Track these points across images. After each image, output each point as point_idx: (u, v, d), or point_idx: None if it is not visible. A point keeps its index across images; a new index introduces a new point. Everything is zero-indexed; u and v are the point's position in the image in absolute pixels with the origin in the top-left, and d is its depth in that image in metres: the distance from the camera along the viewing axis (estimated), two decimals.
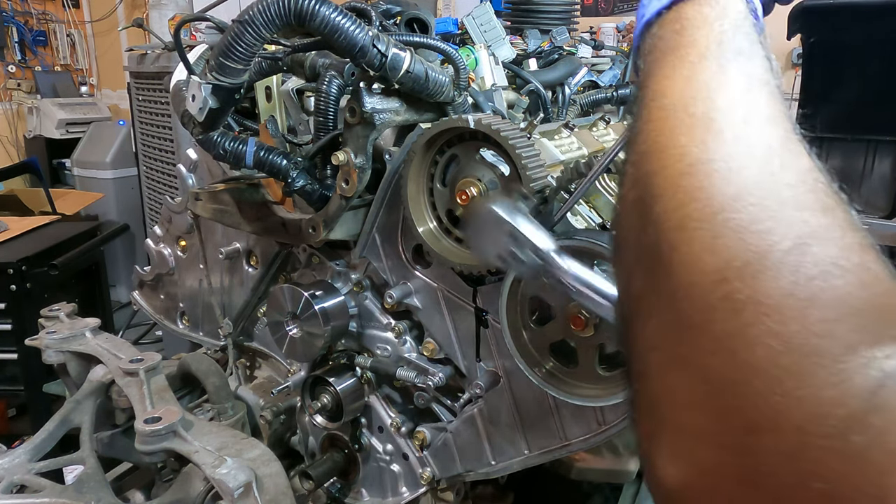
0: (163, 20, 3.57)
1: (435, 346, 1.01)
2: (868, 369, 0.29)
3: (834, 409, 0.28)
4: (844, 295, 0.31)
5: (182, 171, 1.33)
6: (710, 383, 0.33)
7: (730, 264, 0.33)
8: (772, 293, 0.32)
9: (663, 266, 0.37)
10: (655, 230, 0.38)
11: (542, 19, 1.36)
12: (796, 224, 0.33)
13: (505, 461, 0.99)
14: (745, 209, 0.34)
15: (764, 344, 0.31)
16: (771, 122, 0.38)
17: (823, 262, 0.32)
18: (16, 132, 5.52)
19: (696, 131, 0.38)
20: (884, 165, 2.79)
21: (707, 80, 0.40)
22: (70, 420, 1.16)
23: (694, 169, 0.37)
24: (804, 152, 0.37)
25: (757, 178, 0.35)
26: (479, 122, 0.84)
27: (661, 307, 0.37)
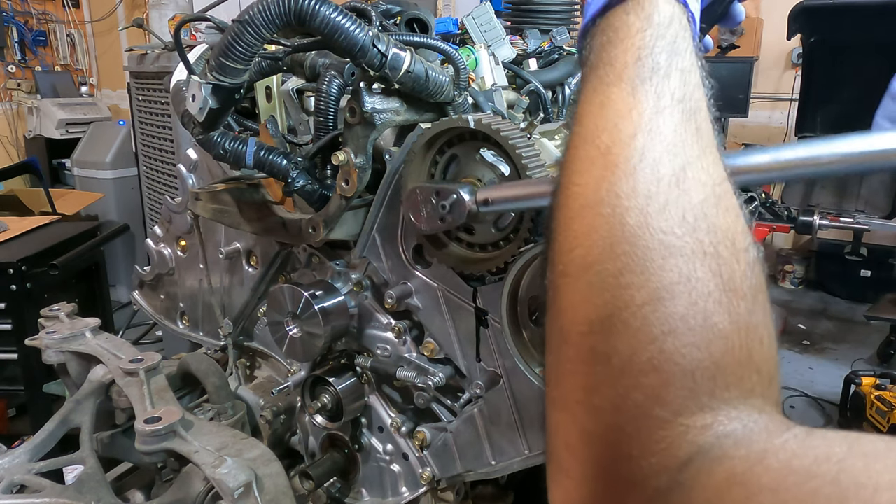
0: (163, 20, 3.57)
1: (435, 346, 1.01)
2: (683, 441, 0.31)
3: (649, 480, 0.30)
4: (679, 359, 0.32)
5: (182, 171, 1.33)
6: (577, 430, 0.35)
7: (596, 318, 0.35)
8: (621, 351, 0.34)
9: (554, 307, 0.39)
10: (551, 271, 0.40)
11: (542, 19, 1.36)
12: (655, 276, 0.34)
13: (505, 461, 0.99)
14: (616, 259, 0.36)
15: (613, 404, 0.33)
16: (671, 150, 0.38)
17: (670, 320, 0.33)
18: (16, 132, 5.53)
19: (595, 168, 0.39)
20: None
21: (617, 107, 0.40)
22: (70, 420, 1.16)
23: (583, 212, 0.38)
24: (701, 181, 0.37)
25: (635, 222, 0.36)
26: (479, 121, 0.84)
27: (552, 346, 0.39)
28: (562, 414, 0.37)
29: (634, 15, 0.43)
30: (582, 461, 0.35)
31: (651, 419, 0.32)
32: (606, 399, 0.34)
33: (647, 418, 0.32)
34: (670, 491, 0.29)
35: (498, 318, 0.91)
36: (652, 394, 0.32)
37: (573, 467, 0.35)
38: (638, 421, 0.32)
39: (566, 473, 0.36)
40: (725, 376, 0.33)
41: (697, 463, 0.29)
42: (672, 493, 0.29)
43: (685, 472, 0.29)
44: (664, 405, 0.32)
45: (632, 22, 0.42)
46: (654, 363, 0.33)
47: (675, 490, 0.29)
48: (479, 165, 0.88)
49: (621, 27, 0.43)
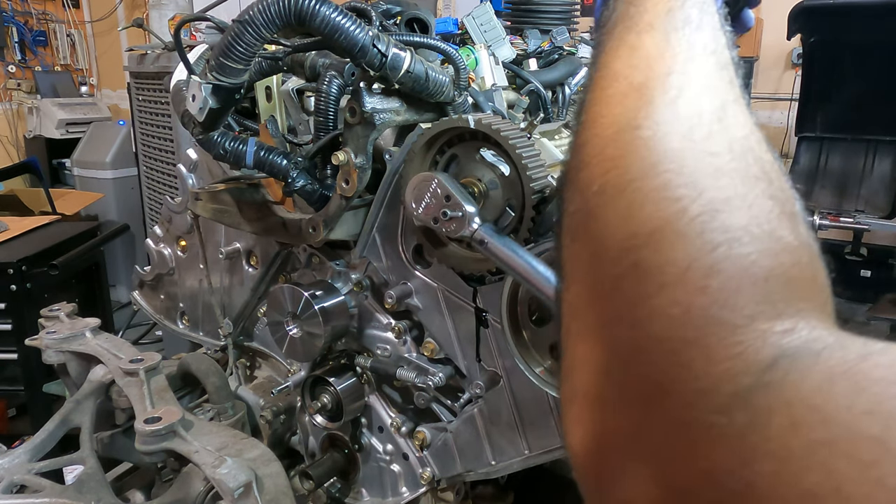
0: (163, 20, 3.57)
1: (435, 346, 1.01)
2: (763, 345, 0.28)
3: (723, 385, 0.28)
4: (749, 264, 0.30)
5: (182, 171, 1.33)
6: (613, 351, 0.32)
7: (640, 231, 0.33)
8: (676, 261, 0.31)
9: (584, 233, 0.36)
10: (580, 197, 0.37)
11: (542, 19, 1.36)
12: (709, 191, 0.33)
13: (505, 461, 0.99)
14: (660, 176, 0.34)
15: (664, 314, 0.30)
16: (707, 91, 0.38)
17: (731, 229, 0.31)
18: (16, 132, 5.53)
19: (629, 100, 0.38)
20: (884, 165, 2.79)
21: (649, 50, 0.40)
22: (70, 420, 1.16)
23: (619, 136, 0.37)
24: (741, 122, 0.37)
25: (679, 146, 0.35)
26: (480, 121, 0.84)
27: (580, 274, 0.37)
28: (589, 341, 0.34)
29: None
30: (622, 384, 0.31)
31: (721, 325, 0.29)
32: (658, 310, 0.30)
33: (715, 324, 0.29)
34: (753, 393, 0.26)
35: (498, 318, 0.91)
36: (720, 298, 0.29)
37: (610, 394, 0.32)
38: (704, 328, 0.29)
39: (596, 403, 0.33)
40: (799, 287, 0.31)
41: (785, 364, 0.27)
42: (754, 394, 0.26)
43: (770, 374, 0.27)
44: (735, 309, 0.29)
45: None
46: (719, 268, 0.30)
47: (758, 391, 0.26)
48: (478, 165, 0.88)
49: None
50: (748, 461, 0.25)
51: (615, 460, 0.32)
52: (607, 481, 0.32)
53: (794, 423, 0.25)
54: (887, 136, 2.76)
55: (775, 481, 0.24)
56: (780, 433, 0.25)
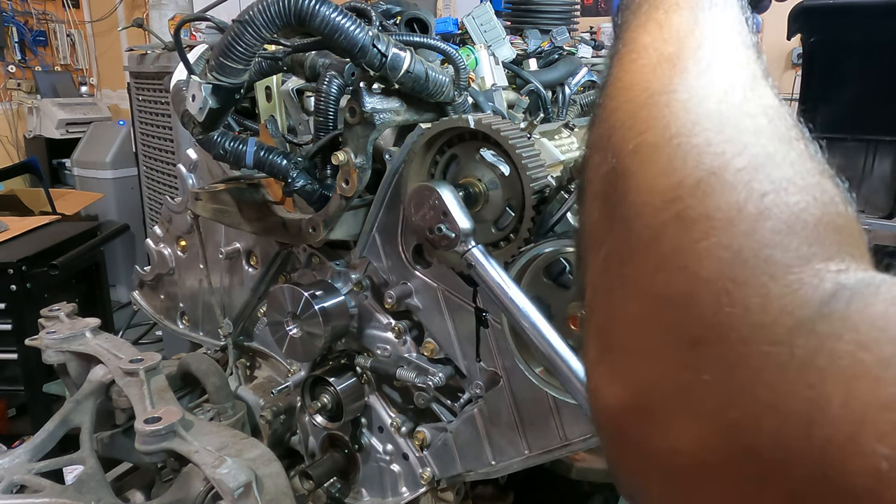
0: (163, 20, 3.56)
1: (435, 346, 1.01)
2: (821, 281, 0.28)
3: (781, 318, 0.27)
4: (798, 210, 0.30)
5: (182, 171, 1.33)
6: (655, 299, 0.32)
7: (683, 183, 0.32)
8: (723, 207, 0.31)
9: (619, 191, 0.36)
10: (614, 157, 0.37)
11: (542, 19, 1.36)
12: (752, 146, 0.33)
13: (505, 461, 0.99)
14: (701, 133, 0.34)
15: (714, 256, 0.30)
16: (738, 65, 0.38)
17: (778, 179, 0.31)
18: (16, 132, 5.52)
19: (662, 68, 0.38)
20: (884, 165, 2.79)
21: (678, 26, 0.41)
22: (70, 420, 1.16)
23: (654, 100, 0.37)
24: (770, 94, 0.37)
25: (717, 108, 0.35)
26: (479, 121, 0.84)
27: (614, 232, 0.36)
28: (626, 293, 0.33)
29: None
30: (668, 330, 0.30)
31: (775, 264, 0.29)
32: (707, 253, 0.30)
33: (769, 264, 0.29)
34: (815, 322, 0.26)
35: (498, 318, 0.91)
36: (772, 240, 0.29)
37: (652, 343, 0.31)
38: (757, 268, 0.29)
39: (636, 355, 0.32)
40: (847, 236, 0.31)
41: (845, 296, 0.27)
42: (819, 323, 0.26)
43: (832, 304, 0.27)
44: (789, 251, 0.29)
45: None
46: (769, 213, 0.30)
47: (822, 320, 0.26)
48: (478, 165, 0.88)
49: None
50: (815, 384, 0.25)
51: (663, 410, 0.31)
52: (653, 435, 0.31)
53: (863, 343, 0.25)
54: (887, 136, 2.76)
55: (848, 398, 0.24)
56: (848, 352, 0.25)
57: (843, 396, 0.24)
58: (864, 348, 0.25)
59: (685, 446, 0.29)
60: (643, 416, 0.31)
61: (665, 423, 0.30)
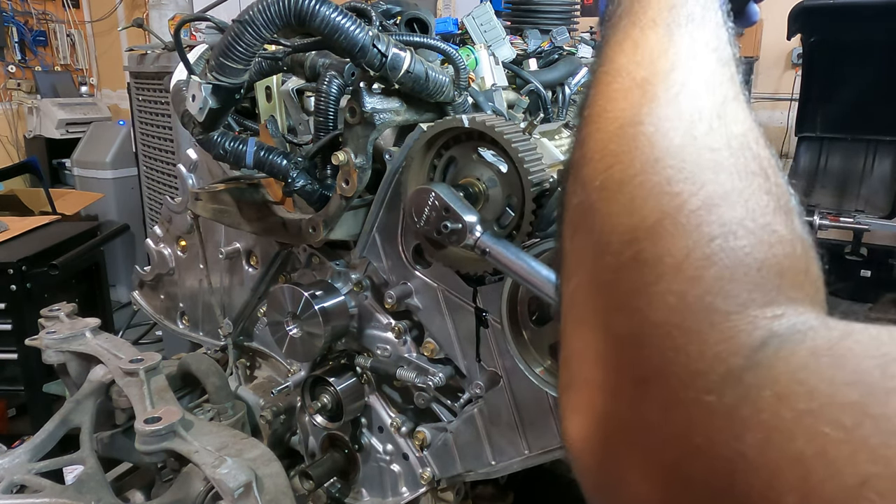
0: (163, 20, 3.57)
1: (435, 346, 1.01)
2: (754, 328, 0.30)
3: (715, 365, 0.29)
4: (743, 255, 0.32)
5: (182, 171, 1.33)
6: (613, 338, 0.34)
7: (642, 224, 0.34)
8: (674, 252, 0.32)
9: (586, 226, 0.38)
10: (583, 191, 0.39)
11: (542, 19, 1.36)
12: (708, 185, 0.34)
13: (505, 461, 0.99)
14: (663, 171, 0.35)
15: (662, 301, 0.32)
16: (709, 87, 0.39)
17: (728, 222, 0.33)
18: (16, 132, 5.52)
19: (632, 96, 0.39)
20: (884, 165, 2.79)
21: (653, 46, 0.41)
22: (70, 420, 1.16)
23: (622, 132, 0.38)
24: (740, 119, 0.38)
25: (680, 142, 0.36)
26: (474, 120, 0.84)
27: (582, 267, 0.38)
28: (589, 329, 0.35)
29: None
30: (619, 369, 0.33)
31: (714, 311, 0.30)
32: (656, 298, 0.32)
33: (709, 311, 0.31)
34: (744, 372, 0.28)
35: (498, 318, 0.91)
36: (714, 287, 0.31)
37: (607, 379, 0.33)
38: (698, 315, 0.31)
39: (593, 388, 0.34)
40: (791, 277, 0.32)
41: (774, 344, 0.28)
42: (746, 373, 0.28)
43: (760, 354, 0.28)
44: (729, 297, 0.31)
45: None
46: (714, 259, 0.32)
47: (749, 370, 0.28)
48: (477, 165, 0.88)
49: None
50: (739, 434, 0.27)
51: (612, 442, 0.33)
52: (605, 464, 0.33)
53: (782, 395, 0.27)
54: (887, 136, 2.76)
55: (765, 449, 0.26)
56: (768, 405, 0.27)
57: (760, 448, 0.26)
58: (781, 401, 0.26)
59: (632, 481, 0.32)
60: (598, 447, 0.34)
61: (615, 456, 0.33)
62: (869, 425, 0.24)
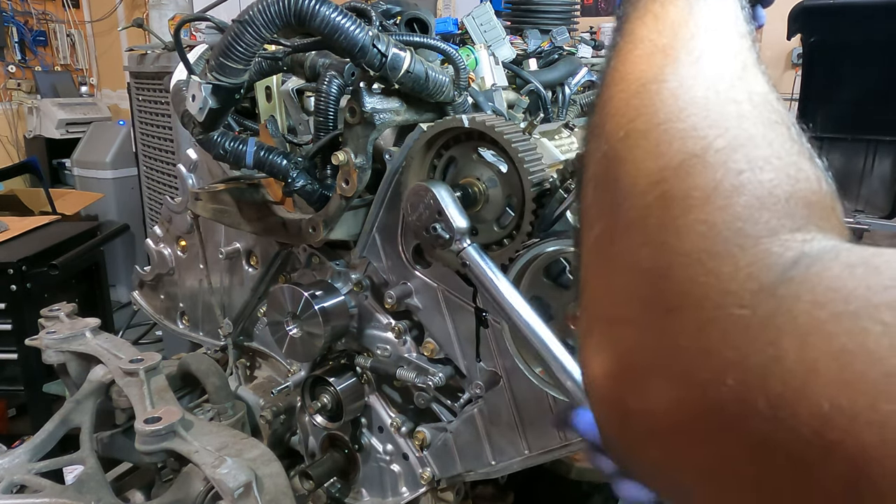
0: (163, 20, 3.56)
1: (435, 346, 1.01)
2: (786, 249, 0.30)
3: (748, 283, 0.29)
4: (771, 186, 0.32)
5: (182, 171, 1.33)
6: (640, 273, 0.34)
7: (667, 165, 0.35)
8: (702, 186, 0.33)
9: (610, 176, 0.38)
10: (606, 144, 0.39)
11: (542, 19, 1.36)
12: (734, 129, 0.35)
13: (505, 461, 0.99)
14: (688, 118, 0.36)
15: (691, 231, 0.32)
16: (729, 54, 0.40)
17: (754, 158, 0.33)
18: (16, 132, 5.52)
19: (655, 58, 0.40)
20: (884, 165, 2.79)
21: (673, 17, 0.42)
22: (70, 420, 1.16)
23: (645, 88, 0.39)
24: (759, 81, 0.39)
25: (704, 94, 0.37)
26: (473, 120, 0.84)
27: (605, 214, 0.38)
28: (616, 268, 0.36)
29: None
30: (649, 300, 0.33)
31: (745, 236, 0.31)
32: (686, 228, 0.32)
33: (740, 236, 0.31)
34: (777, 286, 0.28)
35: (498, 318, 0.91)
36: (744, 214, 0.31)
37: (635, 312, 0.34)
38: (729, 240, 0.31)
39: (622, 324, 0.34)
40: (819, 209, 0.33)
41: (807, 261, 0.29)
42: (780, 287, 0.28)
43: (794, 270, 0.29)
44: (759, 223, 0.31)
45: None
46: (743, 189, 0.32)
47: (783, 284, 0.28)
48: (476, 165, 0.88)
49: None
50: (775, 339, 0.27)
51: (641, 374, 0.33)
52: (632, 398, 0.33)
53: (818, 302, 0.27)
54: (887, 136, 2.76)
55: (803, 350, 0.26)
56: (804, 311, 0.27)
57: (797, 350, 0.26)
58: (818, 306, 0.27)
59: (662, 407, 0.32)
60: (625, 381, 0.34)
61: (644, 386, 0.33)
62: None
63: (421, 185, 0.85)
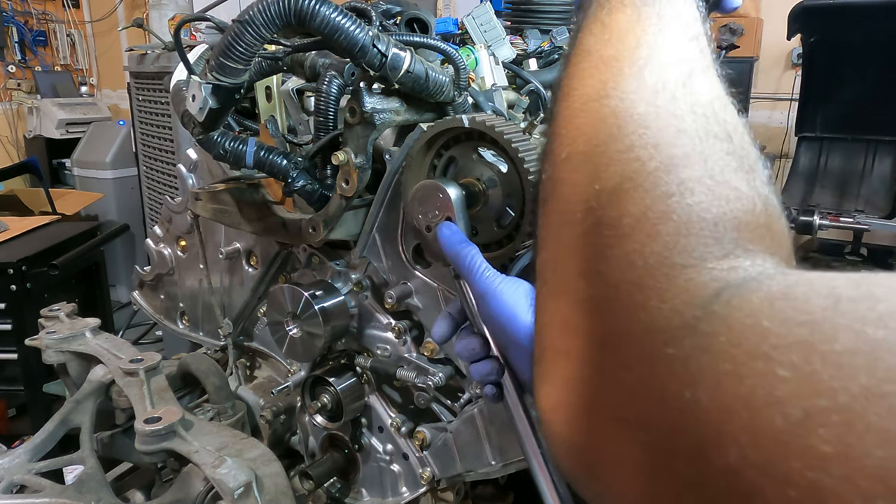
0: (163, 20, 3.57)
1: (435, 346, 1.01)
2: (710, 279, 0.30)
3: (673, 319, 0.29)
4: (699, 210, 0.32)
5: (182, 171, 1.33)
6: (577, 303, 0.34)
7: (603, 190, 0.35)
8: (632, 212, 0.33)
9: (553, 198, 0.39)
10: (550, 166, 0.40)
11: (542, 19, 1.36)
12: (668, 148, 0.34)
13: (505, 461, 0.99)
14: (625, 138, 0.35)
15: (622, 261, 0.32)
16: (674, 61, 0.39)
17: (686, 180, 0.33)
18: (16, 132, 5.53)
19: (599, 72, 0.40)
20: (884, 165, 2.79)
21: (620, 25, 0.41)
22: (70, 420, 1.16)
23: (587, 106, 0.39)
24: (706, 88, 0.38)
25: (643, 111, 0.36)
26: (474, 120, 0.84)
27: (548, 239, 0.39)
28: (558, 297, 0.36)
29: None
30: (585, 333, 0.33)
31: (671, 266, 0.31)
32: (616, 258, 0.32)
33: (666, 266, 0.31)
34: (699, 322, 0.28)
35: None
36: (670, 242, 0.31)
37: (574, 345, 0.34)
38: (655, 270, 0.31)
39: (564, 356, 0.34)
40: (750, 231, 0.32)
41: (729, 293, 0.28)
42: (701, 323, 0.28)
43: (715, 303, 0.28)
44: (685, 252, 0.31)
45: None
46: (670, 214, 0.32)
47: (704, 320, 0.28)
48: (476, 165, 0.88)
49: None
50: (695, 381, 0.27)
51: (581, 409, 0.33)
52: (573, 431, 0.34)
53: (734, 340, 0.26)
54: (887, 136, 2.76)
55: (716, 394, 0.26)
56: (721, 350, 0.26)
57: (712, 392, 0.26)
58: (733, 345, 0.26)
59: (597, 442, 0.32)
60: (568, 414, 0.34)
61: (583, 422, 0.33)
62: (817, 361, 0.24)
63: (435, 183, 0.83)
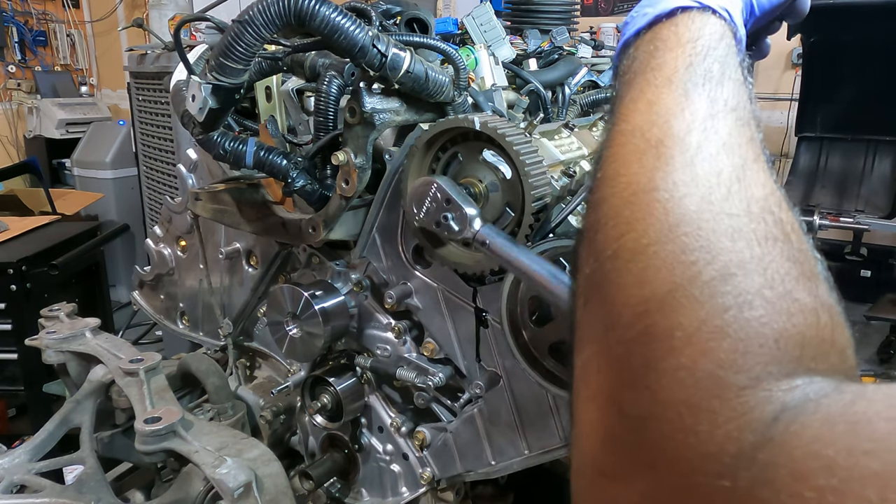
0: (163, 20, 3.57)
1: (435, 346, 1.01)
2: (767, 402, 0.28)
3: (727, 446, 0.28)
4: (758, 326, 0.30)
5: (182, 171, 1.33)
6: (621, 419, 0.32)
7: (653, 296, 0.33)
8: (685, 325, 0.31)
9: (598, 297, 0.36)
10: (595, 260, 0.37)
11: (542, 19, 1.36)
12: (725, 253, 0.32)
13: (505, 461, 0.99)
14: (677, 239, 0.34)
15: (672, 378, 0.30)
16: (728, 149, 0.37)
17: (744, 292, 0.31)
18: (16, 132, 5.53)
19: (647, 158, 0.38)
20: (884, 165, 2.79)
21: (668, 106, 0.39)
22: (70, 420, 1.16)
23: (636, 199, 0.36)
24: (761, 182, 0.36)
25: (697, 208, 0.34)
26: (485, 124, 0.84)
27: (593, 339, 0.36)
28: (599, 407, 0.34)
29: (684, 27, 0.43)
30: (631, 456, 0.31)
31: (725, 387, 0.29)
32: (666, 375, 0.30)
33: (720, 387, 0.29)
34: (757, 450, 0.26)
35: (498, 318, 0.91)
36: (726, 360, 0.29)
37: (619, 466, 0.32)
38: (708, 391, 0.29)
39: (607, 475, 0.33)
40: (814, 347, 0.30)
41: (787, 417, 0.27)
42: (760, 451, 0.26)
43: (773, 429, 0.27)
44: (741, 371, 0.29)
45: (682, 33, 0.42)
46: (727, 330, 0.30)
47: (763, 448, 0.26)
48: (480, 166, 0.88)
49: (670, 37, 0.43)
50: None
51: None
52: None
53: (799, 473, 0.25)
54: (887, 136, 2.76)
55: None
56: (786, 485, 0.25)
57: None
58: (799, 480, 0.25)
59: None
60: None
61: None
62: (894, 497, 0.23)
63: (423, 180, 0.85)
